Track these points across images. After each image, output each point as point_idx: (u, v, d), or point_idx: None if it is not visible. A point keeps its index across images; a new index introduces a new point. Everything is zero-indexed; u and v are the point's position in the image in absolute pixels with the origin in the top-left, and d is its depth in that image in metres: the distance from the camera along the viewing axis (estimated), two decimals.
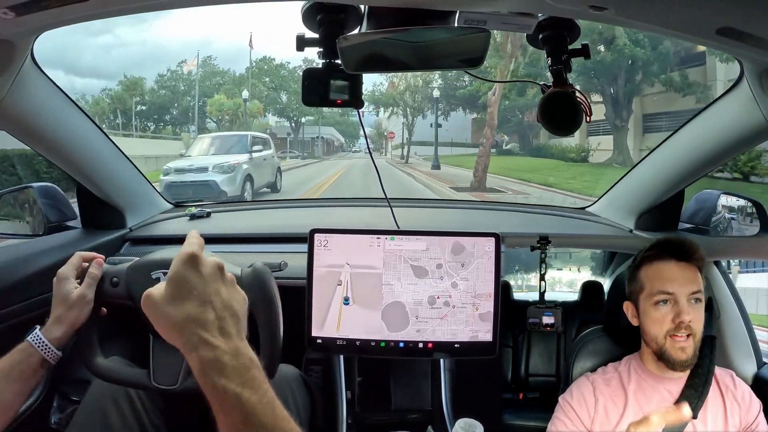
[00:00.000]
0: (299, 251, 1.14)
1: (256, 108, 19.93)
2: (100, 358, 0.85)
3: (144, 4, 0.68)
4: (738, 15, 0.61)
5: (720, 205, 1.27)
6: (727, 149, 1.03)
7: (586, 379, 1.01)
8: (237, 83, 20.41)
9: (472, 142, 19.62)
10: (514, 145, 18.22)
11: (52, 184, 1.29)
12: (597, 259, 2.30)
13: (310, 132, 23.10)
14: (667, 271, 0.92)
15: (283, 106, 21.84)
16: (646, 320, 0.94)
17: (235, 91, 19.57)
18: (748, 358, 1.25)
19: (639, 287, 0.95)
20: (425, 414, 1.16)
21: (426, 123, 19.85)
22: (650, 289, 0.93)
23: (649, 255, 0.96)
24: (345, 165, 17.40)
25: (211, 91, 19.88)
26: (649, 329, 0.93)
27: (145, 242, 1.30)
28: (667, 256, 0.93)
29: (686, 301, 0.90)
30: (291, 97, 21.22)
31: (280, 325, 0.84)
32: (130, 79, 18.78)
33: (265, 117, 21.35)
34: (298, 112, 21.57)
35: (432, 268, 1.05)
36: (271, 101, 21.48)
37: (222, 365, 0.48)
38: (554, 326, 1.29)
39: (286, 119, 22.04)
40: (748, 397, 0.97)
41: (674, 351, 0.90)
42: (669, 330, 0.90)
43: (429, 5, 0.67)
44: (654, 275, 0.93)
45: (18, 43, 0.76)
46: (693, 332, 0.90)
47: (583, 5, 0.61)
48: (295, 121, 22.25)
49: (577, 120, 0.76)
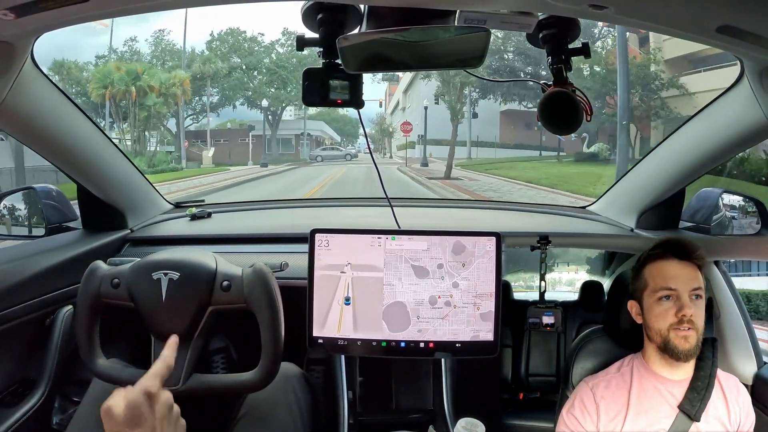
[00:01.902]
0: (300, 251, 1.15)
1: (179, 80, 14.74)
2: (102, 359, 0.85)
3: (144, 4, 0.68)
4: (738, 13, 0.61)
5: (721, 204, 1.27)
6: (727, 148, 1.03)
7: (585, 385, 1.01)
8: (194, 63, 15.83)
9: (501, 141, 16.10)
10: (601, 147, 13.36)
11: (52, 186, 1.29)
12: (595, 260, 2.30)
13: (293, 127, 18.24)
14: (670, 269, 0.95)
15: (254, 93, 16.77)
16: (650, 316, 0.96)
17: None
18: (748, 358, 1.25)
19: (643, 284, 0.98)
20: (427, 414, 1.16)
21: (439, 112, 14.99)
22: (654, 286, 0.96)
23: (652, 254, 0.99)
24: (331, 176, 13.66)
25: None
26: (653, 324, 0.96)
27: (146, 243, 1.30)
28: (670, 255, 0.97)
29: (688, 297, 0.93)
30: (266, 81, 16.50)
31: (282, 325, 0.85)
32: (57, 63, 13.90)
33: (233, 107, 16.83)
34: (275, 102, 16.85)
35: (433, 268, 1.05)
36: (236, 87, 16.61)
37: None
38: (554, 326, 1.29)
39: (260, 110, 17.03)
40: (748, 407, 0.99)
41: (678, 341, 0.93)
42: (672, 324, 0.93)
43: (429, 5, 0.67)
44: (657, 273, 0.96)
45: (18, 45, 0.76)
46: (695, 326, 0.93)
47: (583, 4, 0.61)
48: (272, 114, 17.34)
49: (578, 119, 0.77)
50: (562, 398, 1.08)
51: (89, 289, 0.84)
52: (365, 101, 0.85)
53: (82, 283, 0.86)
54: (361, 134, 21.05)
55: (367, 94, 0.86)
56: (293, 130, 18.26)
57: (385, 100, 20.46)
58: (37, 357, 1.09)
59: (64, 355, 1.12)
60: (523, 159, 15.01)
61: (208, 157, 16.27)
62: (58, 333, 1.11)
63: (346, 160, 17.43)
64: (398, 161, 17.74)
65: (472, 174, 13.59)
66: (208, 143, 16.92)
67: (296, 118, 18.37)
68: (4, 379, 1.03)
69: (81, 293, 0.85)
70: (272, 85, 16.87)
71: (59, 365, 1.11)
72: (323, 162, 17.29)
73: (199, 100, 16.72)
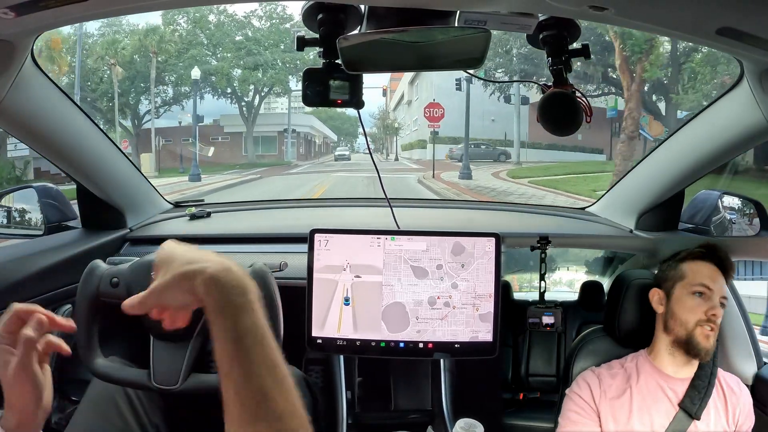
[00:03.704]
0: (299, 251, 1.14)
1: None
2: (100, 359, 0.85)
3: (144, 3, 0.68)
4: (738, 15, 0.61)
5: (720, 206, 1.27)
6: (727, 149, 1.03)
7: (591, 372, 1.03)
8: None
9: (531, 140, 12.55)
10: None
11: (52, 184, 1.29)
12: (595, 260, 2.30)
13: (277, 122, 14.29)
14: (710, 271, 0.99)
15: (214, 73, 12.62)
16: (678, 306, 0.98)
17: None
18: (748, 358, 1.25)
19: (679, 275, 1.00)
20: (425, 414, 1.16)
21: (456, 102, 11.23)
22: (692, 280, 0.98)
23: (696, 252, 1.02)
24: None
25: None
26: (680, 314, 0.97)
27: (146, 242, 1.30)
28: (712, 260, 1.00)
29: (717, 300, 0.96)
30: (231, 58, 12.42)
31: (281, 326, 0.85)
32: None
33: (200, 98, 12.60)
34: (242, 86, 12.79)
35: (432, 268, 1.05)
36: (191, 68, 12.35)
37: (263, 333, 0.46)
38: (554, 326, 1.29)
39: (230, 100, 13.02)
40: (748, 408, 1.00)
41: (701, 338, 0.95)
42: (700, 320, 0.95)
43: (429, 5, 0.67)
44: (698, 270, 0.99)
45: (18, 43, 0.76)
46: (717, 328, 0.96)
47: (583, 5, 0.61)
48: (246, 104, 13.26)
49: (577, 120, 0.77)
50: (562, 398, 1.08)
51: (88, 288, 0.84)
52: (365, 88, 0.83)
53: (81, 282, 0.85)
54: (361, 133, 18.09)
55: (367, 81, 0.84)
56: (277, 125, 14.33)
57: (387, 97, 17.06)
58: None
59: (63, 354, 1.12)
60: (564, 164, 11.50)
61: (146, 160, 12.25)
62: (56, 332, 1.11)
63: (335, 161, 14.00)
64: (408, 165, 13.61)
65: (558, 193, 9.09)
66: (153, 144, 12.85)
67: (294, 111, 14.70)
68: None
69: (80, 292, 0.85)
70: (239, 64, 12.84)
71: (58, 364, 1.10)
72: (303, 168, 13.29)
73: (165, 90, 12.93)
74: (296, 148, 14.85)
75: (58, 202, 1.27)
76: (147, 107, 12.98)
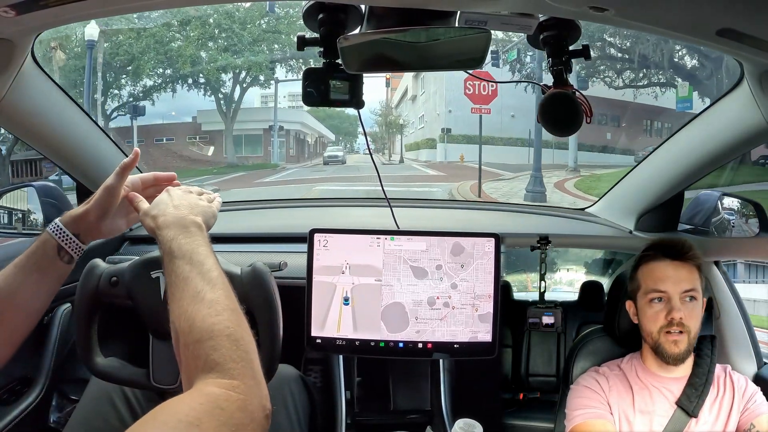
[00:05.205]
0: (299, 251, 1.14)
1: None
2: (100, 358, 0.85)
3: (144, 3, 0.68)
4: (738, 16, 0.61)
5: (719, 206, 1.27)
6: (726, 150, 1.03)
7: (597, 370, 1.03)
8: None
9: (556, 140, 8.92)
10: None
11: (52, 183, 1.29)
12: (595, 261, 2.30)
13: (262, 118, 11.73)
14: (661, 271, 0.96)
15: (176, 57, 9.89)
16: (642, 317, 0.97)
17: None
18: (748, 358, 1.25)
19: (637, 286, 0.99)
20: (424, 414, 1.16)
21: (459, 90, 8.96)
22: (645, 288, 0.97)
23: (645, 255, 0.99)
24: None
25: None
26: (645, 325, 0.97)
27: (145, 241, 1.30)
28: (662, 256, 0.97)
29: (679, 299, 0.93)
30: (195, 37, 9.64)
31: (280, 325, 0.84)
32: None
33: (173, 92, 10.22)
34: (213, 73, 10.32)
35: (432, 269, 1.05)
36: (147, 51, 9.76)
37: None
38: (554, 326, 1.29)
39: (204, 92, 10.57)
40: (744, 384, 0.98)
41: (668, 345, 0.93)
42: (662, 326, 0.94)
43: (429, 5, 0.67)
44: (649, 275, 0.97)
45: (18, 42, 0.76)
46: (686, 329, 0.93)
47: (583, 6, 0.61)
48: (224, 96, 10.72)
49: (578, 120, 0.77)
50: (562, 398, 1.08)
51: (87, 287, 0.84)
52: (366, 80, 0.81)
53: (80, 282, 0.85)
54: (361, 133, 15.59)
55: (368, 75, 0.82)
56: (262, 122, 11.82)
57: (389, 87, 14.35)
58: (35, 355, 1.09)
59: (62, 353, 1.12)
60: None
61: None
62: (56, 331, 1.11)
63: (325, 165, 11.89)
64: (420, 169, 11.07)
65: None
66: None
67: (290, 106, 12.00)
68: (2, 377, 1.03)
69: (79, 291, 0.85)
70: (203, 44, 10.07)
71: (57, 363, 1.11)
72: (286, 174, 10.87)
73: (131, 84, 10.13)
74: (285, 148, 12.35)
75: (58, 201, 1.27)
76: (118, 102, 10.34)
